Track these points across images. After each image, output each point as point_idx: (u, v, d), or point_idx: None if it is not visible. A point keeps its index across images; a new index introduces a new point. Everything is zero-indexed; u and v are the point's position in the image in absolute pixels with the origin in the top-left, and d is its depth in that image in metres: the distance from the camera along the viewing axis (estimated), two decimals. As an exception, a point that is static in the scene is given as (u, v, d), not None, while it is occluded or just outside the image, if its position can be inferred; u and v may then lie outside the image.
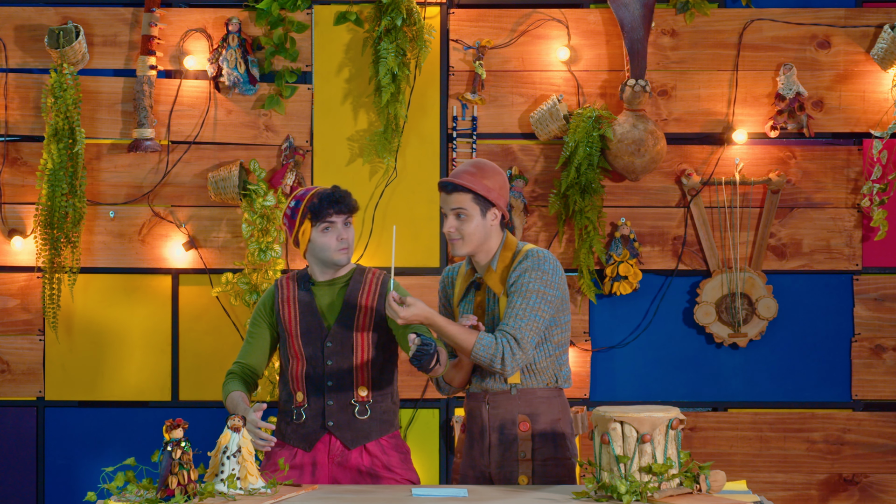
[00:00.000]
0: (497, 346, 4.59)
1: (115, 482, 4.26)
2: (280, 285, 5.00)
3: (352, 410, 4.90)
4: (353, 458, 4.89)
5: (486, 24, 6.46)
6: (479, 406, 4.79)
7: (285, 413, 4.96)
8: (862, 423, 6.45)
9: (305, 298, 4.94)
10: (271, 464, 4.88)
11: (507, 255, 4.75)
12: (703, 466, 4.30)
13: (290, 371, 4.93)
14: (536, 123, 6.40)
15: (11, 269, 6.45)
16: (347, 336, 4.90)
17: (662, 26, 6.47)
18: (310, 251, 4.92)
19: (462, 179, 4.70)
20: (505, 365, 4.60)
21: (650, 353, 6.46)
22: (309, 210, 4.87)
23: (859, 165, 6.45)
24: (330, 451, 4.89)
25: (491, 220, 4.73)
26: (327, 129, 6.45)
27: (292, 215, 4.90)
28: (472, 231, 4.72)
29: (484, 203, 4.71)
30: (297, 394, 4.91)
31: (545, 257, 4.69)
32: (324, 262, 4.92)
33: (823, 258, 6.46)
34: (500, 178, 4.76)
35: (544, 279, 4.66)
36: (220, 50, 6.37)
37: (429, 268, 6.44)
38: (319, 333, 4.90)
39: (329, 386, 4.89)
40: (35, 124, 6.43)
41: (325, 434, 4.89)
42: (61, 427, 6.43)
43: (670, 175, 6.47)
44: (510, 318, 4.62)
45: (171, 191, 6.46)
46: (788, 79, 6.39)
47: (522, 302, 4.63)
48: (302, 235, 4.90)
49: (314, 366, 4.90)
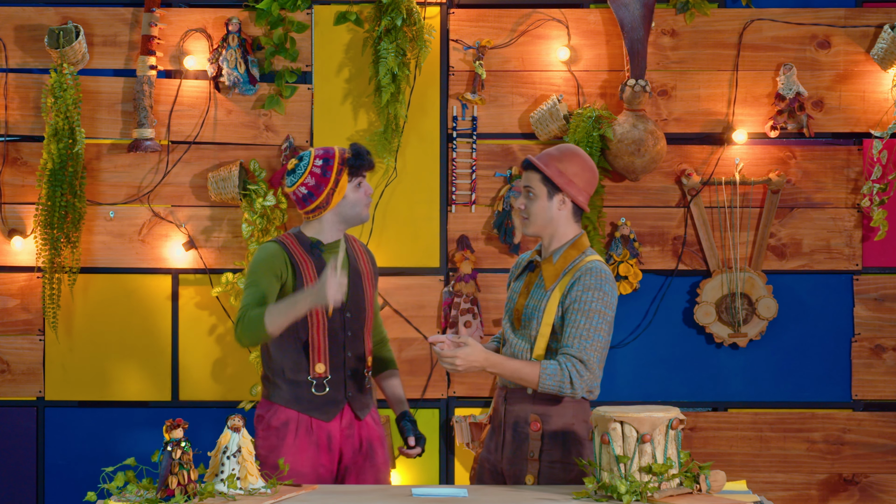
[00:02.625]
0: (563, 371, 4.56)
1: (115, 482, 4.25)
2: (290, 248, 4.86)
3: (362, 381, 4.91)
4: (357, 429, 4.90)
5: (486, 24, 6.46)
6: (500, 401, 4.79)
7: (295, 383, 4.86)
8: (862, 423, 6.46)
9: (320, 264, 4.86)
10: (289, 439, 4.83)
11: (572, 254, 4.70)
12: (703, 466, 4.30)
13: (310, 339, 4.84)
14: (536, 123, 6.40)
15: (11, 269, 6.45)
16: (361, 306, 4.90)
17: (662, 26, 6.47)
18: (337, 209, 4.86)
19: (538, 158, 4.69)
20: (575, 388, 4.57)
21: (650, 353, 6.46)
22: (347, 164, 4.83)
23: (859, 165, 6.45)
24: (342, 422, 4.88)
25: (558, 204, 4.68)
26: (327, 129, 6.45)
27: (324, 173, 4.82)
28: (537, 212, 4.69)
29: (552, 186, 4.68)
30: (317, 364, 4.84)
31: (606, 277, 4.63)
32: (350, 219, 4.88)
33: (823, 258, 6.46)
34: (579, 166, 4.69)
35: (605, 300, 4.61)
36: (220, 50, 6.37)
37: (429, 268, 6.44)
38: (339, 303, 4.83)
39: (348, 357, 4.87)
40: (35, 124, 6.43)
41: (345, 405, 4.88)
42: (61, 427, 6.43)
43: (670, 175, 6.47)
44: (574, 338, 4.58)
45: (170, 191, 6.46)
46: (788, 79, 6.39)
47: (586, 322, 4.59)
48: (338, 192, 4.84)
49: (335, 336, 4.85)
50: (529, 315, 4.68)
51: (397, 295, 6.39)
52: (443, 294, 6.41)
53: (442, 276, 6.44)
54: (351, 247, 4.96)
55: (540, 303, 4.67)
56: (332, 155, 4.85)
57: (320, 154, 4.85)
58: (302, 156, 4.89)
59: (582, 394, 4.61)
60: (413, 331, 6.42)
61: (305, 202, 4.85)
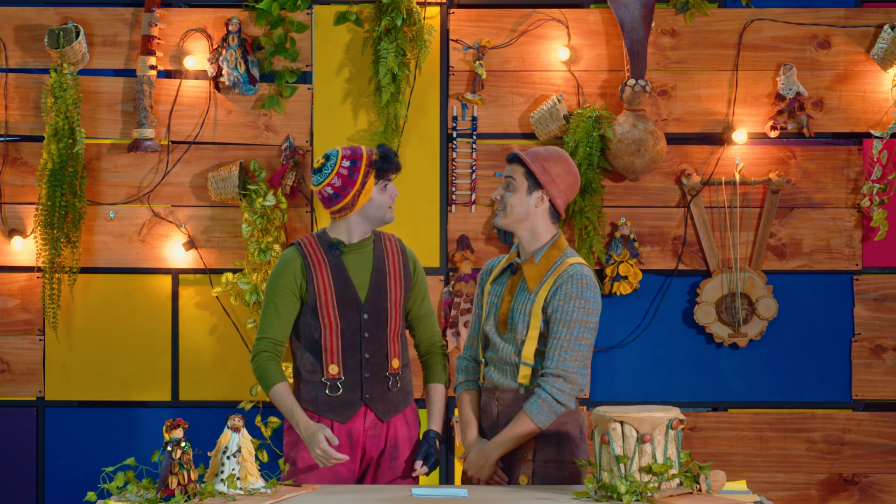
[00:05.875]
0: (545, 401, 4.58)
1: (115, 482, 4.25)
2: (306, 251, 4.86)
3: (386, 383, 4.87)
4: (384, 431, 4.88)
5: (486, 24, 6.46)
6: (489, 402, 4.78)
7: (311, 384, 4.86)
8: (862, 423, 6.46)
9: (337, 265, 4.84)
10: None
11: (553, 255, 4.70)
12: (703, 466, 4.30)
13: (323, 341, 4.82)
14: (536, 123, 6.40)
15: (11, 269, 6.45)
16: (382, 307, 4.85)
17: (662, 26, 6.47)
18: (362, 211, 4.84)
19: (525, 153, 4.71)
20: (564, 404, 4.60)
21: (650, 353, 6.46)
22: (374, 167, 4.82)
23: (859, 165, 6.45)
24: (365, 423, 4.86)
25: (536, 200, 4.68)
26: (327, 129, 6.45)
27: (351, 175, 4.80)
28: (514, 203, 4.68)
29: (533, 181, 4.68)
30: (330, 366, 4.82)
31: (588, 283, 4.64)
32: (375, 220, 4.86)
33: (823, 258, 6.46)
34: (563, 169, 4.70)
35: (587, 307, 4.62)
36: (220, 50, 6.37)
37: (429, 268, 6.44)
38: (355, 304, 4.82)
39: (366, 359, 4.84)
40: (35, 124, 6.43)
41: (363, 406, 4.85)
42: (61, 427, 6.43)
43: (670, 175, 6.47)
44: (554, 350, 4.60)
45: (170, 191, 6.46)
46: (788, 79, 6.39)
47: (567, 333, 4.59)
48: (364, 194, 4.83)
49: (349, 338, 4.83)
50: (515, 319, 4.68)
51: (397, 295, 6.39)
52: (443, 294, 6.41)
53: (442, 276, 6.44)
54: (382, 246, 4.92)
55: (525, 306, 4.67)
56: (359, 156, 4.83)
57: (348, 154, 4.83)
58: (329, 155, 4.85)
59: (572, 403, 4.63)
60: (413, 331, 6.42)
61: (331, 202, 4.84)
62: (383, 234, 4.95)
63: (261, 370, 4.84)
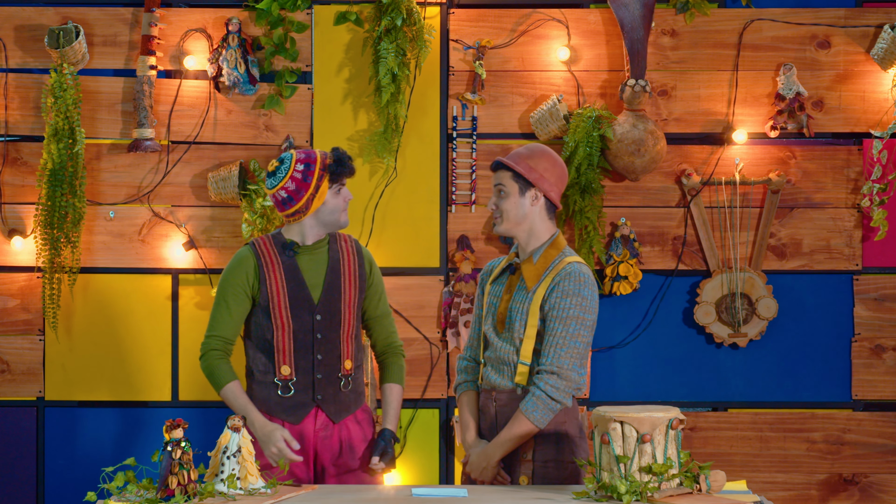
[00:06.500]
0: (540, 399, 4.59)
1: (115, 482, 4.25)
2: (260, 251, 4.87)
3: (338, 384, 4.87)
4: (336, 432, 4.87)
5: (486, 24, 6.46)
6: (487, 403, 4.79)
7: (263, 384, 4.87)
8: (862, 423, 6.46)
9: (290, 265, 4.85)
10: None
11: (552, 254, 4.71)
12: (703, 466, 4.30)
13: (275, 342, 4.83)
14: (536, 123, 6.40)
15: (11, 269, 6.45)
16: (336, 308, 4.85)
17: (662, 26, 6.47)
18: (316, 214, 4.84)
19: (507, 158, 4.72)
20: (560, 401, 4.61)
21: (650, 353, 6.46)
22: (328, 171, 4.82)
23: (859, 165, 6.46)
24: (316, 424, 4.87)
25: (531, 200, 4.69)
26: (327, 129, 6.45)
27: (305, 178, 4.79)
28: (509, 208, 4.69)
29: (523, 182, 4.69)
30: (282, 367, 4.83)
31: (585, 281, 4.64)
32: (329, 224, 4.86)
33: (823, 258, 6.46)
34: (549, 162, 4.71)
35: (584, 305, 4.62)
36: (220, 50, 6.37)
37: (429, 268, 6.44)
38: (308, 305, 4.83)
39: (319, 360, 4.84)
40: (35, 124, 6.43)
41: (314, 408, 4.86)
42: (61, 427, 6.43)
43: (670, 175, 6.47)
44: (550, 347, 4.61)
45: (170, 191, 6.46)
46: (788, 79, 6.39)
47: (563, 330, 4.60)
48: (318, 198, 4.83)
49: (302, 339, 4.83)
50: (513, 318, 4.69)
51: (397, 295, 6.40)
52: (443, 294, 6.42)
53: (442, 276, 6.44)
54: (337, 246, 4.92)
55: (523, 304, 4.68)
56: (313, 160, 4.82)
57: (302, 158, 4.82)
58: (283, 158, 4.84)
59: (568, 400, 4.63)
60: (413, 331, 6.42)
61: (285, 206, 4.83)
62: (339, 235, 4.95)
63: (211, 369, 4.86)
